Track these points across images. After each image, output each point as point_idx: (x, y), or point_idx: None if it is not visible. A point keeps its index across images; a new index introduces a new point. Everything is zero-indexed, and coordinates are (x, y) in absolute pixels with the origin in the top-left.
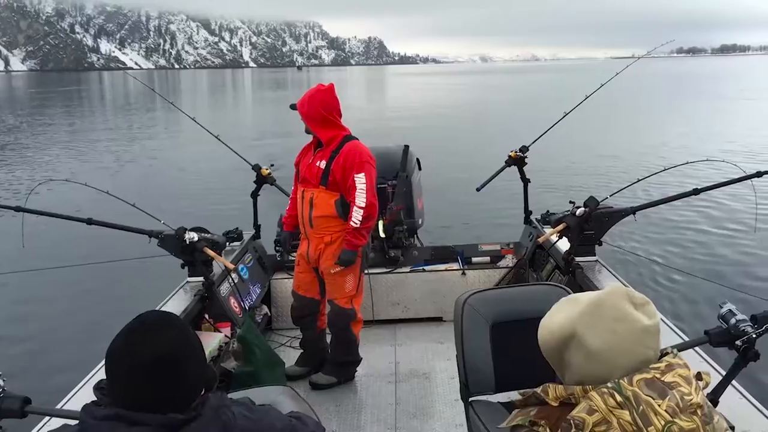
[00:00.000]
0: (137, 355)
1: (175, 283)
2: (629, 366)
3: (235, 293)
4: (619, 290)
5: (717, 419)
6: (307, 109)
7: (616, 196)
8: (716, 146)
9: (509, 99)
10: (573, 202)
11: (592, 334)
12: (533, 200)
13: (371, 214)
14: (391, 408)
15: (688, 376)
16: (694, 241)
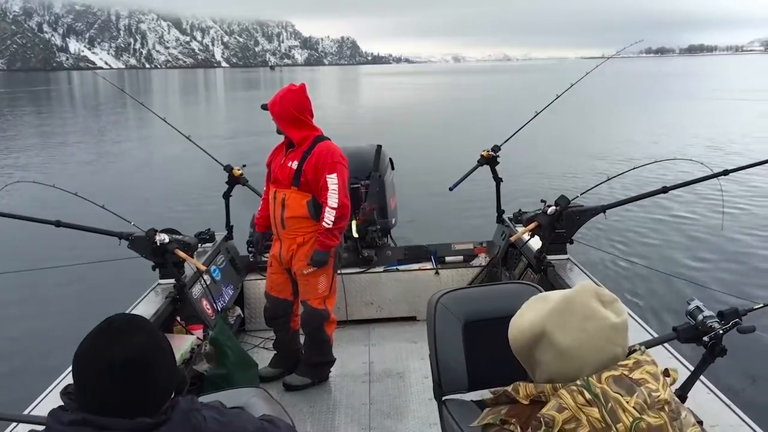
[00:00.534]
0: (105, 359)
1: (146, 286)
2: (599, 363)
3: (207, 295)
4: (588, 288)
5: (684, 415)
6: (278, 109)
7: (586, 194)
8: (684, 145)
9: (482, 99)
10: (544, 201)
11: (562, 333)
12: (506, 199)
13: (344, 215)
14: (365, 408)
15: (655, 372)
16: (663, 239)
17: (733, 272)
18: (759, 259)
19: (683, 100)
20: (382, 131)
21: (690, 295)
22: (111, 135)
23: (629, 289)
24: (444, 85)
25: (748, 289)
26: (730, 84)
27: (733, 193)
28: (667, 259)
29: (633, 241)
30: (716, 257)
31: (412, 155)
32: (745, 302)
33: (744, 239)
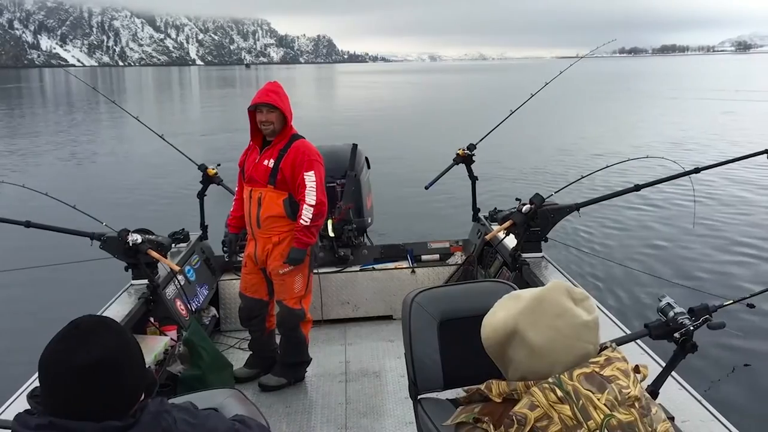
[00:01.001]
0: (72, 360)
1: (118, 287)
2: (570, 361)
3: (181, 295)
4: (559, 286)
5: (655, 411)
6: (283, 100)
7: (560, 192)
8: (656, 144)
9: (458, 98)
10: (519, 200)
11: (534, 330)
12: (481, 198)
13: (321, 212)
14: (342, 407)
15: (626, 369)
16: (636, 236)
17: (704, 269)
18: (729, 256)
19: (655, 100)
20: (358, 130)
21: (662, 291)
22: (83, 134)
23: (602, 286)
24: (420, 83)
25: (718, 285)
26: (702, 84)
27: (704, 191)
28: (639, 256)
29: (606, 238)
30: (688, 254)
31: (389, 154)
32: (716, 299)
33: (715, 236)
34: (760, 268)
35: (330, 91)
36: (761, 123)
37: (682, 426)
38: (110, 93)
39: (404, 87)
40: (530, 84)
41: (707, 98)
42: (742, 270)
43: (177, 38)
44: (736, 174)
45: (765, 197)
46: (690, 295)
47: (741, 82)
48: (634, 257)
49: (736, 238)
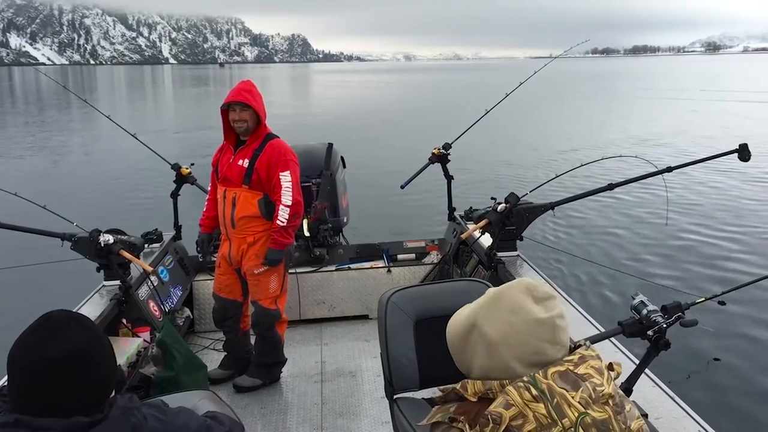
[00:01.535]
0: (43, 352)
1: (90, 288)
2: (526, 358)
3: (154, 296)
4: (521, 283)
5: (629, 408)
6: (257, 99)
7: (535, 192)
8: (629, 143)
9: (433, 97)
10: (494, 199)
11: (489, 325)
12: (457, 197)
13: (297, 212)
14: (318, 408)
15: (600, 367)
16: (610, 234)
17: (677, 267)
18: (702, 254)
19: (628, 100)
20: (334, 129)
21: (636, 289)
22: (54, 133)
23: (577, 285)
24: (395, 83)
25: (691, 283)
26: (674, 84)
27: (676, 190)
28: (613, 254)
29: (581, 236)
30: (661, 252)
31: (364, 153)
32: (689, 296)
33: (687, 234)
34: (731, 266)
35: (305, 90)
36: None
37: (656, 423)
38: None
39: (379, 86)
40: (505, 84)
41: (678, 98)
42: (714, 267)
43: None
44: (708, 173)
45: (735, 196)
46: (663, 292)
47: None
48: (609, 255)
49: (708, 236)
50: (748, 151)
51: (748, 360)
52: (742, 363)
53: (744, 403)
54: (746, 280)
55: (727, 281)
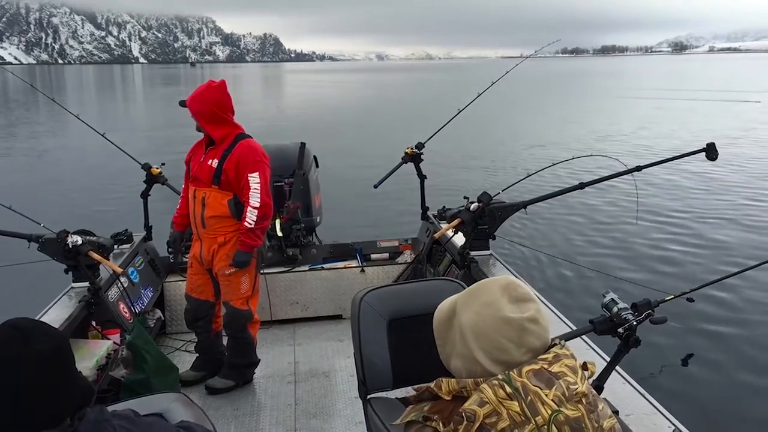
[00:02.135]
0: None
1: (58, 290)
2: (491, 353)
3: (124, 298)
4: (504, 281)
5: (602, 407)
6: (198, 106)
7: (508, 191)
8: (600, 142)
9: (405, 96)
10: (467, 198)
11: (464, 312)
12: (430, 196)
13: (266, 214)
14: (291, 409)
15: (574, 366)
16: (582, 233)
17: (647, 265)
18: (671, 252)
19: (598, 99)
20: (306, 129)
21: (608, 287)
22: (21, 133)
23: (549, 283)
24: (368, 82)
25: (661, 280)
26: (641, 83)
27: (646, 188)
28: (585, 252)
29: (553, 235)
30: (631, 250)
31: (337, 153)
32: (658, 294)
33: (657, 233)
34: (699, 263)
35: (277, 89)
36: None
37: (626, 419)
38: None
39: (352, 86)
40: (477, 83)
41: (645, 97)
42: (683, 265)
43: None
44: (677, 171)
45: (703, 194)
46: (633, 290)
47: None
48: (580, 253)
49: (677, 234)
50: (715, 150)
51: (716, 356)
52: (711, 359)
53: (712, 398)
54: (714, 278)
55: (696, 279)
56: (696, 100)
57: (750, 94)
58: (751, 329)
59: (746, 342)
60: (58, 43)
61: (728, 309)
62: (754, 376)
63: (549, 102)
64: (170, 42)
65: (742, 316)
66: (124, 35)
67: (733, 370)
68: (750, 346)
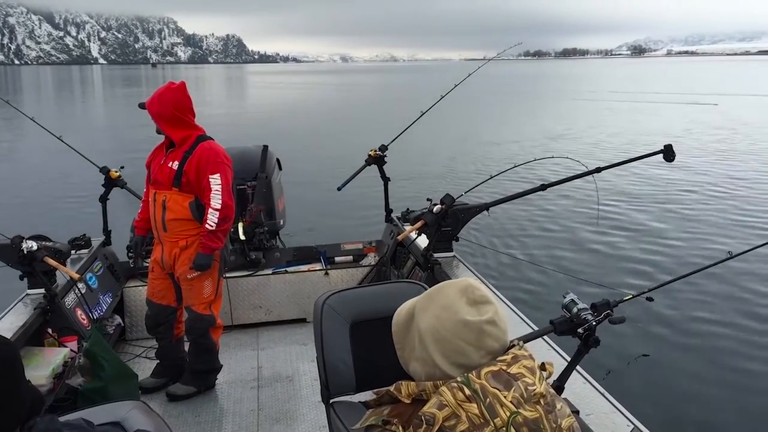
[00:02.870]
0: None
1: (12, 297)
2: (450, 357)
3: (82, 304)
4: (462, 283)
5: (560, 407)
6: (157, 108)
7: (470, 193)
8: (560, 143)
9: (369, 98)
10: (430, 200)
11: (423, 316)
12: (394, 198)
13: (228, 216)
14: (254, 414)
15: (532, 366)
16: (544, 234)
17: (608, 265)
18: (631, 251)
19: (560, 102)
20: (269, 131)
21: (569, 287)
22: None
23: (511, 284)
24: (332, 84)
25: (621, 280)
26: (601, 86)
27: (606, 189)
28: (547, 253)
29: (515, 236)
30: (593, 250)
31: (301, 156)
32: (617, 293)
33: (618, 232)
34: (659, 262)
35: (240, 91)
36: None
37: (587, 419)
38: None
39: (316, 88)
40: (440, 85)
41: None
42: (643, 264)
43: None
44: (636, 172)
45: (661, 194)
46: (595, 290)
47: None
48: (542, 254)
49: (636, 234)
50: (672, 151)
51: (674, 354)
52: (669, 357)
53: (670, 396)
54: (672, 277)
55: (655, 278)
56: (656, 103)
57: (708, 96)
58: (708, 327)
59: (703, 340)
60: (15, 43)
61: (686, 308)
62: (710, 373)
63: (511, 104)
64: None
65: (699, 314)
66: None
67: (691, 368)
68: (707, 344)
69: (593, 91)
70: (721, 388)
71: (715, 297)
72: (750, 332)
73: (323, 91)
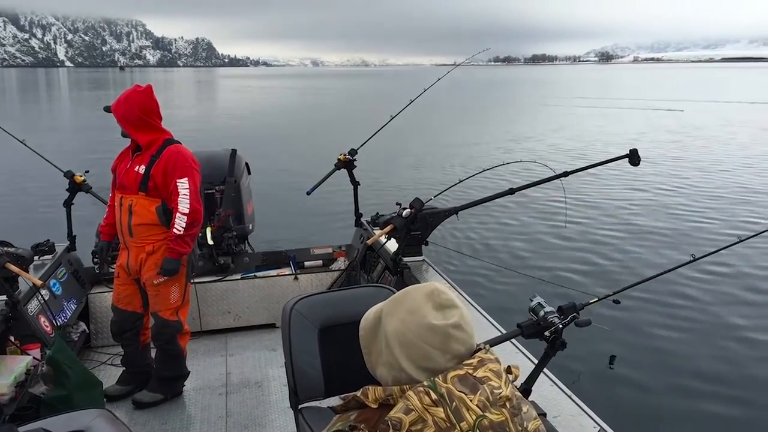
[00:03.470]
0: None
1: None
2: (416, 361)
3: (45, 311)
4: (428, 287)
5: (526, 410)
6: (123, 111)
7: (439, 197)
8: (528, 148)
9: (340, 103)
10: (399, 204)
11: (389, 320)
12: (364, 202)
13: (196, 221)
14: (222, 421)
15: (498, 370)
16: (512, 237)
17: (575, 268)
18: (598, 254)
19: (528, 107)
20: (239, 135)
21: (537, 291)
22: None
23: (480, 287)
24: (302, 88)
25: (588, 283)
26: (569, 92)
27: (574, 193)
28: (515, 256)
29: (484, 240)
30: (561, 253)
31: (270, 160)
32: (584, 296)
33: (584, 236)
34: (625, 265)
35: (210, 95)
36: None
37: (554, 421)
38: None
39: (286, 92)
40: (410, 90)
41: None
42: (610, 267)
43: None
44: (602, 176)
45: (627, 198)
46: (563, 293)
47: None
48: (511, 258)
49: (603, 237)
50: (638, 156)
51: (640, 356)
52: (635, 359)
53: (636, 398)
54: (637, 280)
55: (622, 281)
56: (625, 109)
57: (675, 103)
58: (673, 329)
59: (668, 342)
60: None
61: (651, 310)
62: (675, 375)
63: (480, 109)
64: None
65: (664, 316)
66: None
67: (656, 370)
68: (671, 347)
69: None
70: (685, 390)
71: (680, 299)
72: (713, 334)
73: (293, 95)
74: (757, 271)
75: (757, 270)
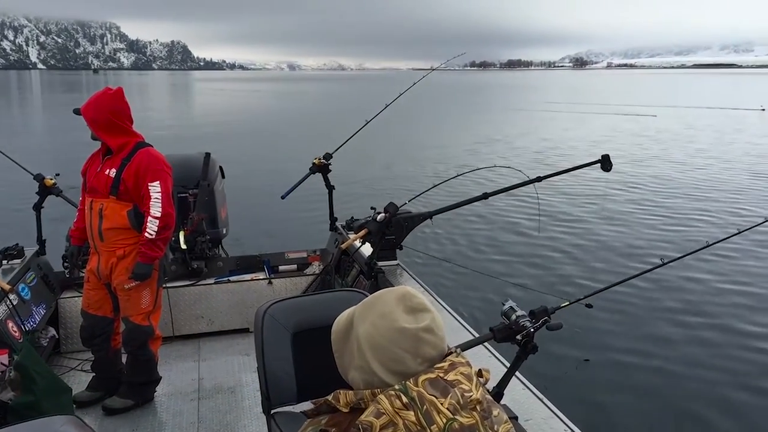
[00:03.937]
0: None
1: None
2: (387, 365)
3: (13, 316)
4: (400, 291)
5: (497, 413)
6: (92, 113)
7: (414, 201)
8: (502, 153)
9: (315, 107)
10: (374, 208)
11: (361, 324)
12: (339, 207)
13: (168, 224)
14: (194, 427)
15: (469, 373)
16: (486, 242)
17: (548, 272)
18: (569, 259)
19: (502, 112)
20: (213, 139)
21: (509, 294)
22: None
23: (453, 291)
24: (278, 92)
25: (560, 287)
26: (544, 96)
27: (547, 198)
28: (490, 260)
29: (458, 244)
30: (535, 257)
31: (244, 163)
32: (555, 300)
33: (557, 241)
34: (597, 269)
35: (184, 98)
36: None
37: (525, 425)
38: None
39: (263, 95)
40: (386, 94)
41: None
42: (582, 271)
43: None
44: (575, 181)
45: (599, 203)
46: (536, 297)
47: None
48: (484, 262)
49: (576, 241)
50: (609, 161)
51: (611, 359)
52: (607, 362)
53: (607, 401)
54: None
55: (594, 285)
56: (599, 114)
57: (648, 108)
58: (644, 332)
59: (639, 345)
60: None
61: (622, 314)
62: (646, 378)
63: (456, 113)
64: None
65: (635, 320)
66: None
67: (627, 374)
68: (642, 349)
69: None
70: (656, 393)
71: (651, 302)
72: (683, 336)
73: (269, 99)
74: (724, 276)
75: (722, 275)
